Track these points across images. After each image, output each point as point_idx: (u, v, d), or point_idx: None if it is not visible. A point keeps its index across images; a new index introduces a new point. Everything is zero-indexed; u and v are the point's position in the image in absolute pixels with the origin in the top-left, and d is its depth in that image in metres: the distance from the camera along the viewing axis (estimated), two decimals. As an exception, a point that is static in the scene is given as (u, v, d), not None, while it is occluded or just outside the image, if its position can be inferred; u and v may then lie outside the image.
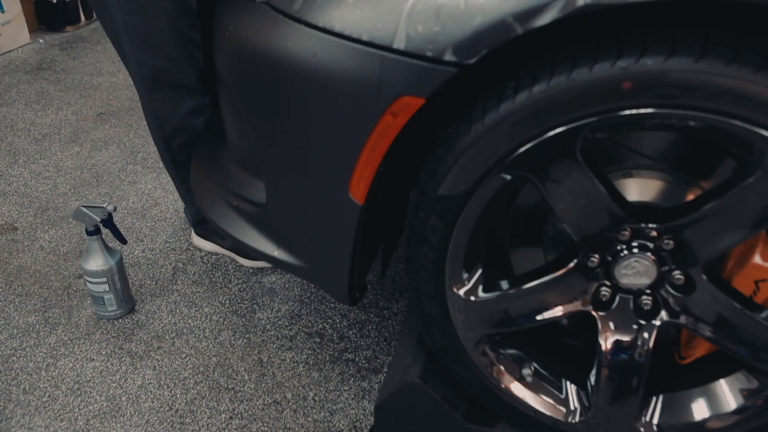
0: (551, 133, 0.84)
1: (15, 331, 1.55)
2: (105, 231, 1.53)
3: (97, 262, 1.52)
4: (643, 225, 0.93)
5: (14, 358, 1.47)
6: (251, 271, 1.74)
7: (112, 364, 1.46)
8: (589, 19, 0.81)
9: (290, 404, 1.36)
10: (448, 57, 0.79)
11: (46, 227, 1.91)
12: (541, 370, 1.11)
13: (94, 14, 3.35)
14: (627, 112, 0.82)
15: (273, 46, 0.92)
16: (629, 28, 0.83)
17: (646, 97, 0.80)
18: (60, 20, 3.28)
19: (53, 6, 3.23)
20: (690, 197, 0.99)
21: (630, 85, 0.80)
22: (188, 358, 1.47)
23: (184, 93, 1.52)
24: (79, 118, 2.52)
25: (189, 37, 1.45)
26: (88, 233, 1.50)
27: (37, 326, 1.56)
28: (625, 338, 1.02)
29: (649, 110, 0.82)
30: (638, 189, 1.00)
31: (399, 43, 0.81)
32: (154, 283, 1.70)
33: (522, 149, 0.86)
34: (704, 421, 1.04)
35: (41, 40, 3.23)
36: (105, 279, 1.53)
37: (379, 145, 0.87)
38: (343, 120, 0.88)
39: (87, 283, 1.55)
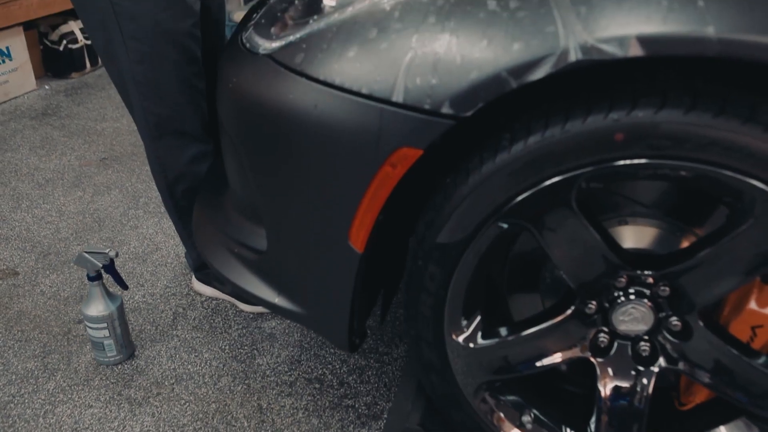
0: (546, 182, 0.86)
1: (13, 377, 1.55)
2: (106, 276, 1.54)
3: (97, 307, 1.53)
4: (639, 272, 0.95)
5: (12, 405, 1.47)
6: (251, 316, 1.74)
7: (111, 411, 1.45)
8: (581, 74, 0.84)
9: (289, 452, 1.35)
10: (446, 110, 0.82)
11: (48, 272, 1.92)
12: (541, 417, 1.11)
13: (100, 61, 3.43)
14: (620, 162, 0.84)
15: (275, 98, 0.95)
16: (620, 81, 0.86)
17: (639, 148, 0.83)
18: (66, 67, 3.35)
19: (60, 53, 3.30)
20: (685, 244, 1.01)
21: (622, 137, 0.82)
22: (187, 404, 1.47)
23: (188, 140, 1.54)
24: (83, 163, 2.55)
25: (194, 86, 1.48)
26: (90, 279, 1.51)
27: (36, 372, 1.56)
28: (624, 384, 1.02)
29: (642, 161, 0.84)
30: (634, 236, 1.02)
31: (398, 96, 0.84)
32: (154, 328, 1.70)
33: (518, 199, 0.88)
34: (705, 468, 1.04)
35: (47, 87, 3.29)
36: (105, 324, 1.53)
37: (378, 194, 0.89)
38: (343, 170, 0.90)
39: (87, 328, 1.55)
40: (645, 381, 1.01)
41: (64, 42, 3.30)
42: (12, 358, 1.60)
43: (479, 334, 1.04)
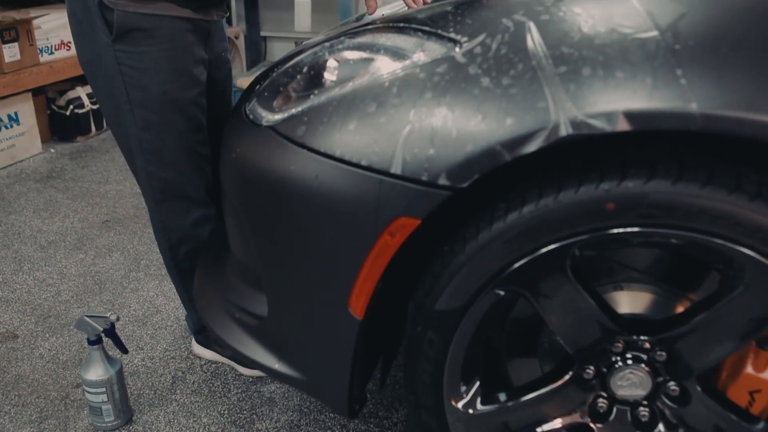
0: (541, 250, 0.89)
1: (10, 443, 1.53)
2: (106, 340, 1.54)
3: (97, 372, 1.52)
4: (635, 337, 0.96)
5: (7, 473, 1.45)
6: (251, 380, 1.73)
7: (107, 479, 1.43)
8: (573, 145, 0.87)
9: None
10: (442, 181, 0.85)
11: (47, 335, 1.92)
12: (543, 484, 1.10)
13: (105, 125, 3.51)
14: (613, 230, 0.87)
15: (277, 169, 0.98)
16: (611, 151, 0.89)
17: (630, 217, 0.85)
18: (72, 131, 3.42)
19: (66, 118, 3.37)
20: (680, 309, 1.02)
21: (613, 207, 0.85)
22: (185, 471, 1.45)
23: (192, 204, 1.57)
24: (85, 226, 2.58)
25: (198, 152, 1.52)
26: (90, 343, 1.51)
27: (33, 439, 1.54)
28: (625, 451, 1.02)
29: (635, 229, 0.87)
30: (629, 301, 1.03)
31: (396, 168, 0.87)
32: (152, 392, 1.69)
33: (514, 266, 0.90)
34: None
35: (52, 150, 3.35)
36: (104, 389, 1.52)
37: (377, 262, 0.91)
38: (343, 239, 0.93)
39: (85, 392, 1.54)
40: (645, 447, 1.01)
41: (71, 107, 3.38)
42: (8, 424, 1.58)
43: (478, 400, 1.04)
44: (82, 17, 1.37)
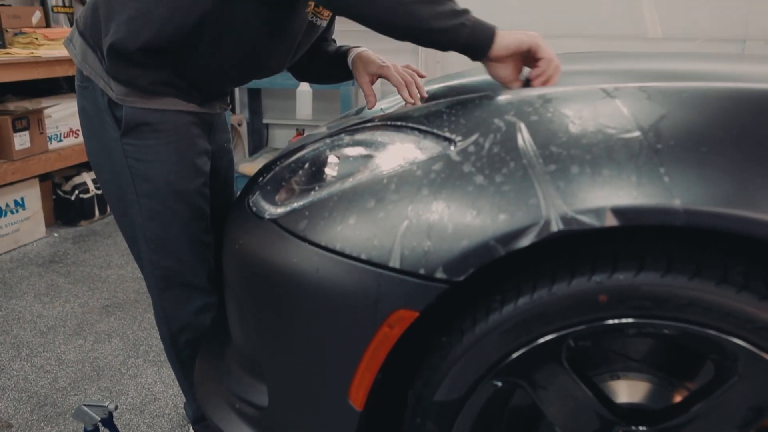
0: (537, 342, 0.90)
1: None
2: (103, 430, 1.52)
3: (92, 463, 1.50)
4: (633, 427, 0.96)
5: None
6: (248, 470, 1.70)
7: None
8: (564, 240, 0.91)
9: None
10: (439, 275, 0.88)
11: (42, 424, 1.89)
12: None
13: (108, 209, 3.57)
14: (607, 321, 0.89)
15: (279, 261, 1.01)
16: (602, 244, 0.92)
17: (623, 309, 0.88)
18: (76, 215, 3.48)
19: (71, 203, 3.44)
20: (677, 399, 1.03)
21: (606, 298, 0.87)
22: None
23: (194, 292, 1.59)
24: (86, 311, 2.59)
25: (202, 241, 1.55)
26: (87, 433, 1.50)
27: None
28: None
29: (629, 320, 0.89)
30: (626, 391, 1.04)
31: (394, 262, 0.90)
32: (147, 484, 1.66)
33: (511, 357, 0.91)
34: None
35: (56, 234, 3.40)
36: (99, 482, 1.50)
37: (377, 354, 0.93)
38: (343, 331, 0.95)
39: (80, 486, 1.52)
40: None
41: (76, 192, 3.45)
42: None
43: (479, 493, 1.03)
44: (93, 114, 1.43)
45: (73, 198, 3.44)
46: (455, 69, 3.62)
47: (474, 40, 1.15)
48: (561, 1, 3.52)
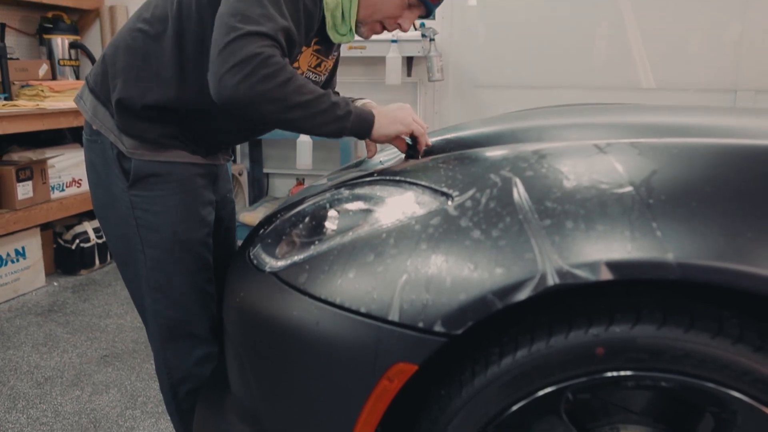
0: (536, 394, 0.91)
1: None
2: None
3: None
4: (634, 481, 0.96)
5: None
6: None
7: None
8: (561, 293, 0.92)
9: None
10: (438, 328, 0.89)
11: (38, 478, 1.87)
12: None
13: (108, 258, 3.58)
14: (605, 374, 0.90)
15: (280, 314, 1.02)
16: (598, 298, 0.94)
17: (620, 361, 0.89)
18: (76, 264, 3.49)
19: (72, 252, 3.45)
20: (678, 451, 1.03)
21: (603, 351, 0.88)
22: None
23: (196, 342, 1.59)
24: (84, 361, 2.58)
25: (205, 290, 1.57)
26: (83, 488, 1.48)
27: None
28: None
29: (627, 372, 0.89)
30: (627, 444, 1.04)
31: (394, 315, 0.91)
32: None
33: (510, 410, 0.92)
34: None
35: (55, 283, 3.40)
36: None
37: (376, 407, 0.93)
38: (343, 384, 0.95)
39: None
40: None
41: (77, 241, 3.47)
42: None
43: None
44: (100, 166, 1.47)
45: (73, 247, 3.46)
46: (453, 120, 3.69)
47: (356, 132, 1.33)
48: (555, 52, 3.60)
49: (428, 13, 1.46)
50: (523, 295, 0.86)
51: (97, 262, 3.58)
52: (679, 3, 3.44)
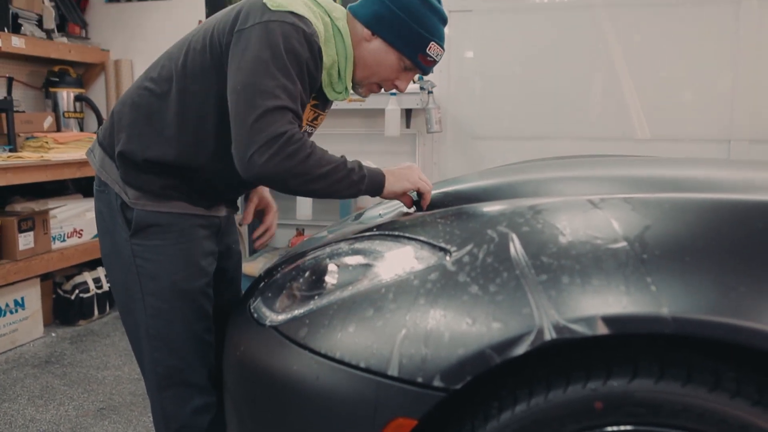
0: (535, 449, 0.91)
1: None
2: None
3: None
4: None
5: None
6: None
7: None
8: (558, 347, 0.93)
9: None
10: (437, 383, 0.89)
11: None
12: None
13: (107, 308, 3.57)
14: (605, 428, 0.90)
15: (280, 368, 1.03)
16: (595, 352, 0.95)
17: (618, 416, 0.89)
18: (75, 315, 3.48)
19: (71, 302, 3.45)
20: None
21: (602, 406, 0.89)
22: None
23: (194, 391, 1.59)
24: (80, 414, 2.55)
25: (204, 339, 1.57)
26: None
27: None
28: None
29: (627, 427, 0.89)
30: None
31: (393, 370, 0.92)
32: None
33: (510, 466, 0.92)
34: None
35: (53, 334, 3.38)
36: None
37: (376, 462, 0.93)
38: (342, 439, 0.95)
39: None
40: None
41: (77, 291, 3.47)
42: None
43: None
44: (107, 215, 1.51)
45: (73, 297, 3.46)
46: (452, 171, 3.74)
47: (369, 192, 1.40)
48: (551, 104, 3.68)
49: (424, 73, 1.51)
50: (521, 349, 0.87)
51: (96, 312, 3.57)
52: (671, 55, 3.53)
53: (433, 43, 1.44)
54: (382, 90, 1.55)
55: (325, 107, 1.58)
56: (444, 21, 1.48)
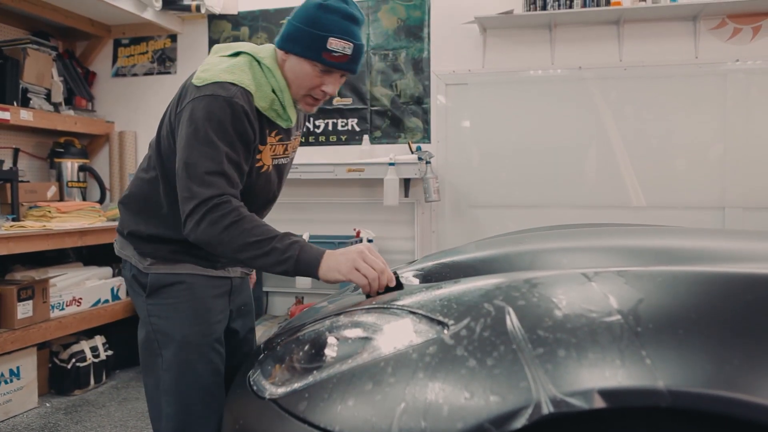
0: None
1: None
2: None
3: None
4: None
5: None
6: None
7: None
8: (556, 421, 0.93)
9: None
10: (436, 457, 0.89)
11: None
12: None
13: (104, 377, 3.52)
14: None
15: (279, 443, 1.03)
16: (595, 424, 0.95)
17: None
18: (71, 384, 3.43)
19: (67, 371, 3.41)
20: None
21: (601, 481, 0.89)
22: None
23: None
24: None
25: (213, 394, 1.60)
26: None
27: None
28: None
29: None
30: None
31: (392, 445, 0.92)
32: None
33: None
34: None
35: (48, 404, 3.33)
36: None
37: None
38: None
39: None
40: None
41: (73, 360, 3.43)
42: None
43: None
44: (131, 282, 1.64)
45: (69, 366, 3.42)
46: (450, 239, 3.77)
47: (301, 273, 1.40)
48: (547, 173, 3.75)
49: (350, 72, 1.54)
50: (518, 423, 0.88)
51: (92, 381, 3.53)
52: (662, 125, 3.62)
53: (331, 38, 1.47)
54: (318, 100, 1.59)
55: (291, 135, 1.67)
56: (348, 17, 1.48)
